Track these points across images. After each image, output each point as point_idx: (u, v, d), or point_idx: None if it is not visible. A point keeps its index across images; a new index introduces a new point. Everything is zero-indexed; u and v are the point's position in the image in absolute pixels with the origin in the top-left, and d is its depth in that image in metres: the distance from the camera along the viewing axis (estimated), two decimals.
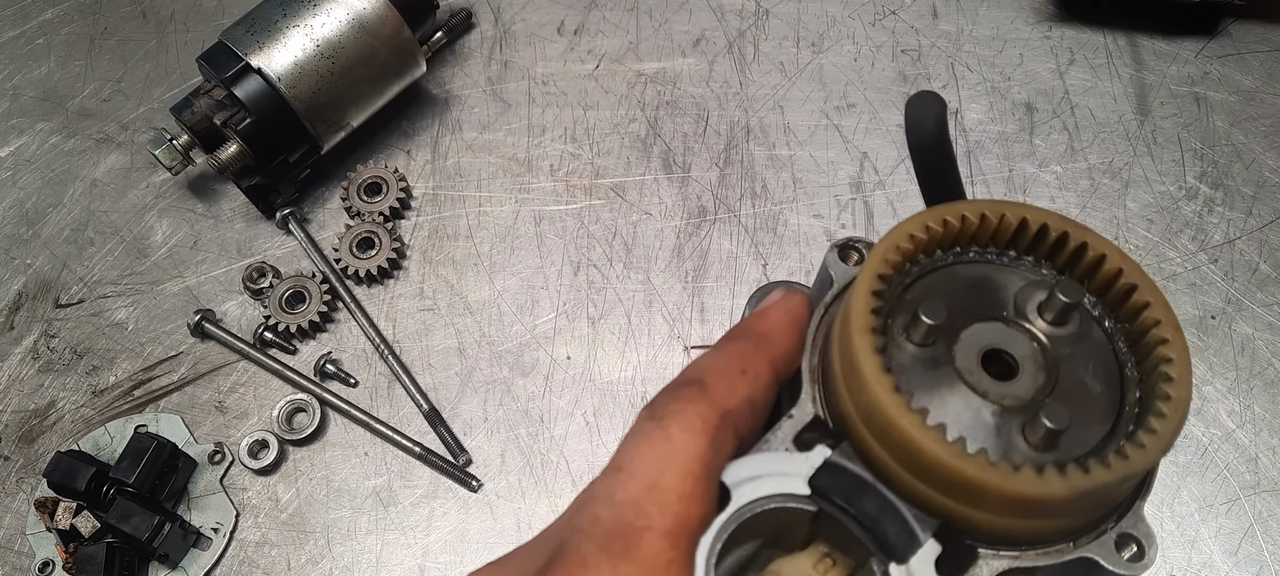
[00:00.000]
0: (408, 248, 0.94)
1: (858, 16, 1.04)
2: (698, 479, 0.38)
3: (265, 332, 0.90)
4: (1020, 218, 0.42)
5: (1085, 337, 0.41)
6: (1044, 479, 0.36)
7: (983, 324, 0.41)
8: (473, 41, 1.05)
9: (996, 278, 0.43)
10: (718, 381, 0.41)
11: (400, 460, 0.85)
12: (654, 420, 0.40)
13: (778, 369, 0.43)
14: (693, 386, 0.41)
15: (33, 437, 0.87)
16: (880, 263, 0.41)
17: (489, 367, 0.88)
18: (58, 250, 0.96)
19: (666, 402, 0.41)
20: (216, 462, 0.85)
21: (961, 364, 0.40)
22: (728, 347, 0.44)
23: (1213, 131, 0.95)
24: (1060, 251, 0.43)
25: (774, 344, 0.43)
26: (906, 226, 0.42)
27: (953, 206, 0.42)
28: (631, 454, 0.39)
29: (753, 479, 0.40)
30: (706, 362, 0.43)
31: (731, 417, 0.41)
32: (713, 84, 1.01)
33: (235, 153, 0.88)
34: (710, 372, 0.42)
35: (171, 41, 1.07)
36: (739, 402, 0.41)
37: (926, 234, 0.42)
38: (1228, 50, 1.00)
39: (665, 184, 0.96)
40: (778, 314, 0.45)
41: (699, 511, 0.38)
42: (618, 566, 0.36)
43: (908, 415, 0.37)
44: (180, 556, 0.81)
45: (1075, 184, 0.93)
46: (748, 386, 0.42)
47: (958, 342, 0.41)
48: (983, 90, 0.99)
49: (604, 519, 0.38)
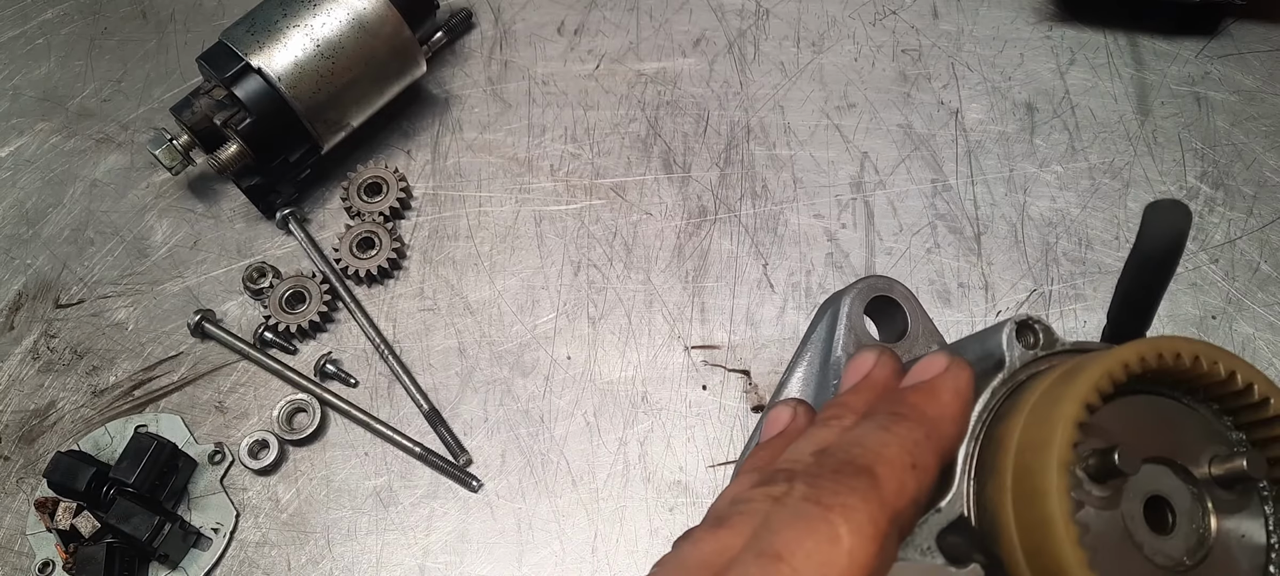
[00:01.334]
0: (408, 248, 0.94)
1: (858, 16, 1.04)
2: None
3: (265, 332, 0.90)
4: (1231, 370, 0.40)
5: (1247, 510, 0.39)
6: None
7: (1157, 466, 0.39)
8: (473, 41, 1.05)
9: (1180, 420, 0.40)
10: (889, 475, 0.37)
11: (400, 460, 0.85)
12: (820, 507, 0.36)
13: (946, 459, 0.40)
14: (864, 477, 0.37)
15: (33, 437, 0.87)
16: (1091, 392, 0.38)
17: (489, 367, 0.88)
18: (58, 250, 0.96)
19: (834, 490, 0.36)
20: (216, 463, 0.85)
21: (1127, 508, 0.38)
22: (898, 431, 0.39)
23: (1213, 131, 0.95)
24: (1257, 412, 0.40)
25: (944, 433, 0.40)
26: (1123, 355, 0.39)
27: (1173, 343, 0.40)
28: (794, 546, 0.35)
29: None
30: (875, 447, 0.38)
31: (899, 520, 0.36)
32: (713, 84, 1.01)
33: (235, 153, 0.88)
34: (881, 463, 0.37)
35: (171, 41, 1.07)
36: (907, 503, 0.37)
37: (1141, 367, 0.39)
38: (1228, 50, 1.00)
39: (665, 184, 0.96)
40: (950, 397, 0.41)
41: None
42: None
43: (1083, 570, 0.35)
44: (180, 556, 0.81)
45: (1076, 184, 0.93)
46: (916, 483, 0.38)
47: (1129, 482, 0.39)
48: (983, 90, 0.99)
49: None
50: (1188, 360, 0.40)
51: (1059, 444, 0.37)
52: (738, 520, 0.37)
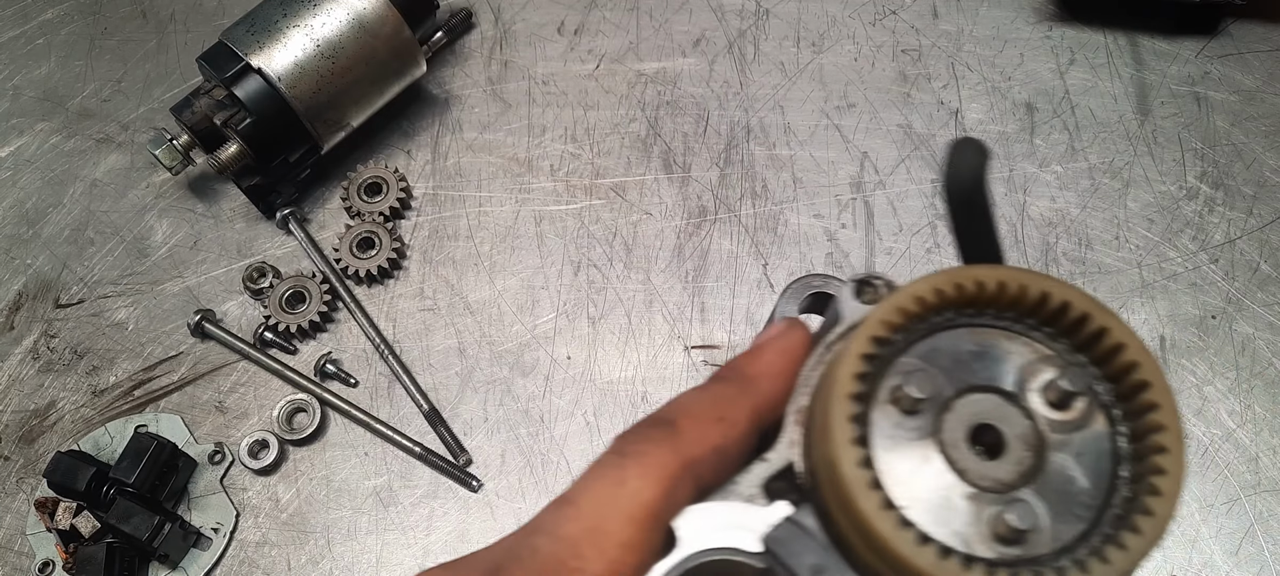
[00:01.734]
0: (408, 248, 0.94)
1: (858, 16, 1.04)
2: (642, 527, 0.38)
3: (265, 332, 0.90)
4: (1041, 291, 0.40)
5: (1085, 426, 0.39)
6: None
7: (981, 394, 0.40)
8: (473, 41, 1.05)
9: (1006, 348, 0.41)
10: (690, 425, 0.40)
11: (400, 460, 0.85)
12: (617, 456, 0.39)
13: (760, 415, 0.42)
14: (663, 427, 0.40)
15: (33, 437, 0.87)
16: (877, 325, 0.39)
17: (489, 367, 0.88)
18: (58, 250, 0.96)
19: (634, 440, 0.40)
20: (216, 462, 0.85)
21: (949, 436, 0.39)
22: (712, 388, 0.43)
23: (1213, 131, 0.95)
24: (1078, 331, 0.40)
25: (760, 389, 0.42)
26: (914, 288, 0.40)
27: (969, 271, 0.40)
28: (584, 488, 0.39)
29: (706, 527, 0.40)
30: (685, 402, 0.42)
31: (695, 466, 0.40)
32: (713, 84, 1.01)
33: (235, 153, 0.88)
34: (684, 414, 0.41)
35: (171, 41, 1.07)
36: (706, 451, 0.40)
37: (936, 298, 0.40)
38: (1228, 50, 1.00)
39: (665, 184, 0.96)
40: (773, 354, 0.43)
41: (636, 560, 0.38)
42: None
43: (867, 494, 0.36)
44: (180, 556, 0.81)
45: (1076, 183, 0.93)
46: (720, 434, 0.41)
47: (950, 411, 0.39)
48: (983, 90, 0.99)
49: (542, 550, 0.38)
50: (992, 286, 0.40)
51: (841, 378, 0.38)
52: None
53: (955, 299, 0.41)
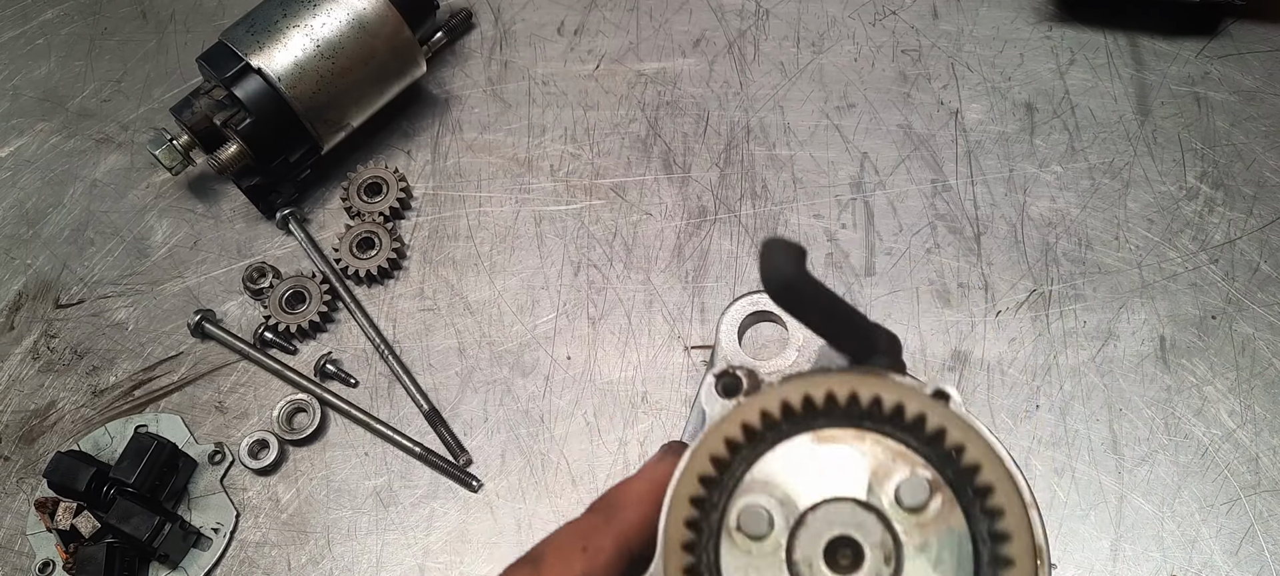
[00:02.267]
0: (408, 248, 0.94)
1: (858, 16, 1.04)
2: None
3: (265, 332, 0.90)
4: (872, 395, 0.39)
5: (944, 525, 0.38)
6: None
7: (834, 505, 0.39)
8: (473, 41, 1.05)
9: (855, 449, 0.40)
10: (554, 558, 0.42)
11: (400, 460, 0.85)
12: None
13: (628, 541, 0.43)
14: (528, 565, 0.42)
15: (33, 438, 0.87)
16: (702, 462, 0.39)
17: (489, 368, 0.88)
18: (58, 250, 0.96)
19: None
20: (216, 463, 0.85)
21: (802, 554, 0.38)
22: (580, 521, 0.44)
23: (1213, 131, 0.95)
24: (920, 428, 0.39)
25: (626, 517, 0.43)
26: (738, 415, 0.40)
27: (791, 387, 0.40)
28: None
29: None
30: (553, 537, 0.43)
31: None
32: (713, 84, 1.01)
33: (235, 153, 0.88)
34: (551, 548, 0.42)
35: (171, 41, 1.07)
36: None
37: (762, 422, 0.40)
38: (1228, 50, 1.00)
39: (665, 184, 0.96)
40: (640, 483, 0.44)
41: None
42: None
43: None
44: (180, 556, 0.81)
45: (1076, 184, 0.93)
46: (584, 563, 0.42)
47: (803, 527, 0.39)
48: (983, 90, 0.99)
49: None
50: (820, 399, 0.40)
51: (671, 522, 0.39)
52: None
53: (789, 414, 0.40)
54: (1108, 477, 0.80)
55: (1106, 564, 0.77)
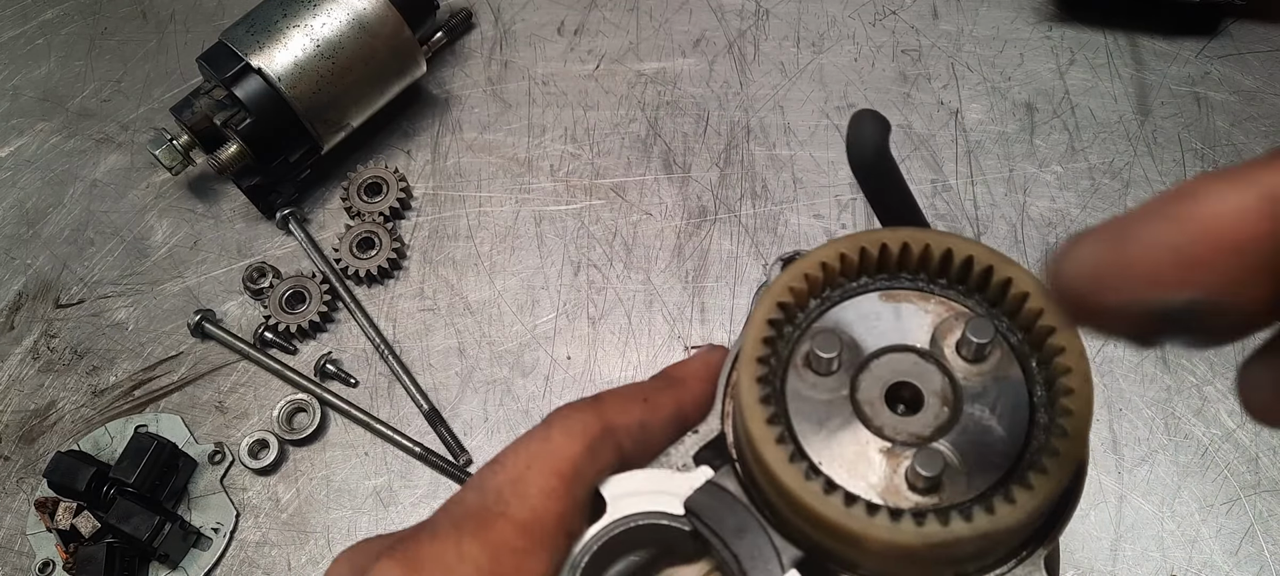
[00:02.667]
0: (408, 248, 0.94)
1: (858, 16, 1.04)
2: (563, 478, 0.40)
3: (265, 332, 0.90)
4: (944, 248, 0.41)
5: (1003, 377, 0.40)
6: (897, 527, 0.36)
7: (897, 354, 0.41)
8: (473, 41, 1.05)
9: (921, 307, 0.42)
10: (613, 400, 0.44)
11: (400, 460, 0.85)
12: (543, 424, 0.43)
13: (683, 408, 0.44)
14: (589, 400, 0.44)
15: (33, 437, 0.87)
16: (782, 291, 0.41)
17: (489, 368, 0.88)
18: (58, 250, 0.96)
19: (560, 410, 0.43)
20: (217, 462, 0.85)
21: (864, 395, 0.40)
22: (642, 382, 0.46)
23: (1213, 131, 0.95)
24: (986, 284, 0.41)
25: (686, 387, 0.45)
26: (818, 254, 0.41)
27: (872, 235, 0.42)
28: (510, 449, 0.42)
29: (633, 494, 0.41)
30: (614, 388, 0.45)
31: (616, 433, 0.42)
32: (713, 84, 1.01)
33: (235, 153, 0.88)
34: (610, 393, 0.45)
35: (171, 41, 1.07)
36: (629, 421, 0.43)
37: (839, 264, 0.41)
38: (1228, 50, 1.00)
39: (665, 184, 0.96)
40: (696, 363, 0.46)
41: (558, 509, 0.40)
42: (463, 543, 0.38)
43: (774, 448, 0.37)
44: (180, 556, 0.81)
45: (1076, 184, 0.93)
46: (643, 411, 0.44)
47: (866, 372, 0.40)
48: (983, 90, 0.99)
49: (468, 501, 0.40)
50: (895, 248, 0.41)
51: (749, 342, 0.40)
52: None
53: (863, 263, 0.42)
54: (1108, 477, 0.80)
55: (1106, 564, 0.77)
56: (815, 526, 0.38)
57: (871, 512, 0.36)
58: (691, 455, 0.43)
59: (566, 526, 0.40)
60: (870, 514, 0.36)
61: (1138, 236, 0.27)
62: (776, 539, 0.39)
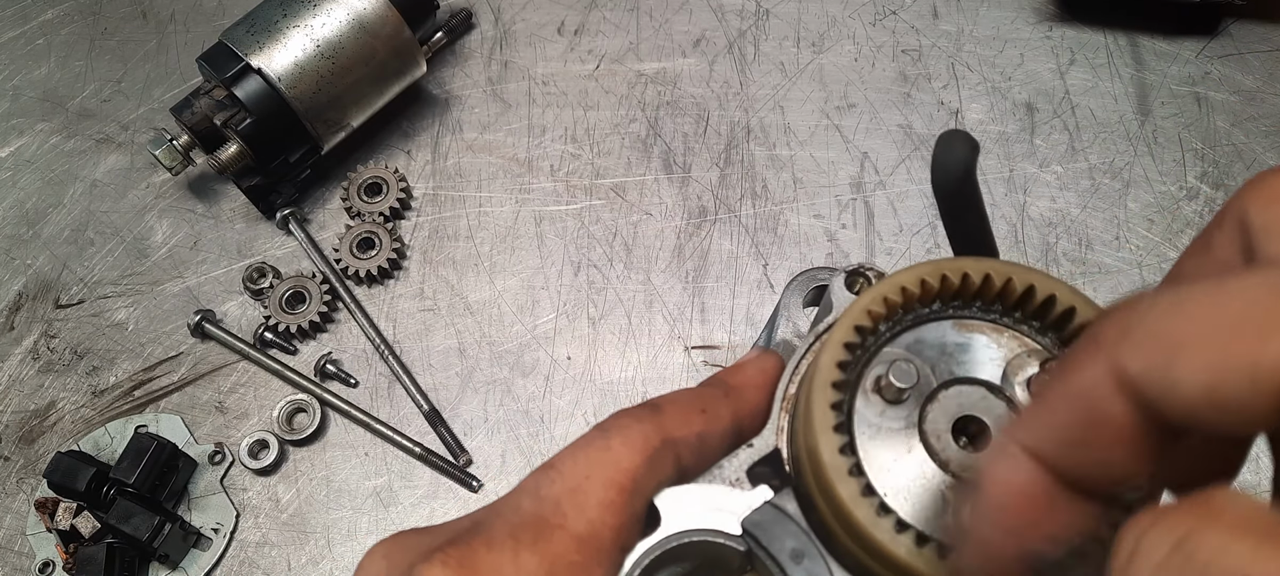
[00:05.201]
0: (408, 248, 0.94)
1: (858, 16, 1.04)
2: (622, 490, 0.39)
3: (265, 333, 0.90)
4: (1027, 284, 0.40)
5: None
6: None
7: (966, 387, 0.40)
8: (473, 42, 1.05)
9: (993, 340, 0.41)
10: (673, 410, 0.42)
11: (401, 460, 0.85)
12: (600, 431, 0.41)
13: (740, 420, 0.43)
14: (647, 408, 0.42)
15: (33, 438, 0.87)
16: (860, 314, 0.40)
17: (489, 368, 0.88)
18: (58, 250, 0.96)
19: (617, 417, 0.41)
20: (217, 463, 0.85)
21: (932, 426, 0.39)
22: (696, 388, 0.44)
23: (1213, 131, 0.95)
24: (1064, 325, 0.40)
25: (743, 397, 0.44)
26: (898, 278, 0.40)
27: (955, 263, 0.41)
28: (568, 455, 0.40)
29: (688, 508, 0.40)
30: (671, 394, 0.44)
31: (676, 445, 0.41)
32: (713, 84, 1.01)
33: (235, 153, 0.88)
34: (669, 402, 0.43)
35: (171, 41, 1.07)
36: (688, 434, 0.42)
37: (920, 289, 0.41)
38: (1228, 50, 1.00)
39: (665, 184, 0.96)
40: (752, 370, 0.45)
41: (616, 522, 0.39)
42: (520, 555, 0.37)
43: (846, 480, 0.37)
44: (180, 557, 0.81)
45: (1076, 184, 0.93)
46: (702, 423, 0.42)
47: (934, 402, 0.40)
48: (983, 90, 0.99)
49: (524, 508, 0.39)
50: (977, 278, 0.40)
51: (824, 365, 0.39)
52: None
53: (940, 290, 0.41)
54: None
55: None
56: (880, 561, 0.37)
57: (942, 554, 0.36)
58: (744, 470, 0.42)
59: (622, 540, 0.39)
60: (940, 555, 0.36)
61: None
62: (835, 568, 0.39)
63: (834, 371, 0.39)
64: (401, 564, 0.38)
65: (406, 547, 0.39)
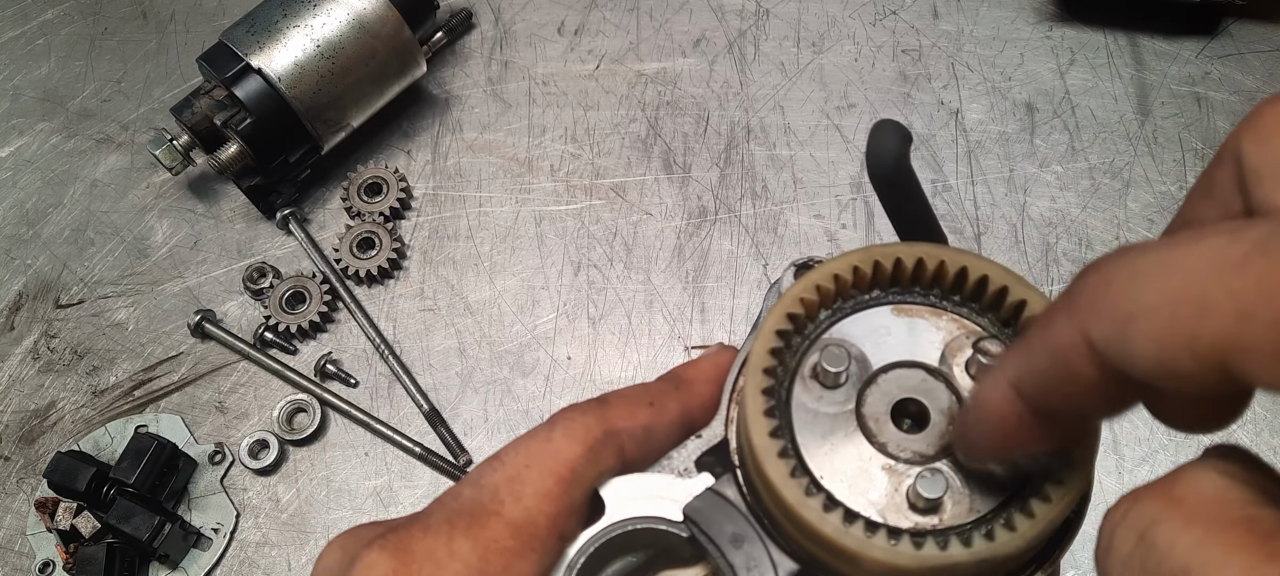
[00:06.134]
0: (408, 248, 0.94)
1: (858, 16, 1.04)
2: (560, 480, 0.40)
3: (265, 333, 0.90)
4: (959, 265, 0.41)
5: None
6: (895, 550, 0.36)
7: (905, 370, 0.40)
8: (473, 41, 1.05)
9: (932, 324, 0.41)
10: (619, 402, 0.43)
11: (400, 460, 0.85)
12: (546, 424, 0.42)
13: (689, 412, 0.44)
14: (594, 402, 0.43)
15: (33, 438, 0.87)
16: (792, 302, 0.40)
17: (489, 368, 0.88)
18: (58, 250, 0.96)
19: (565, 411, 0.43)
20: (217, 463, 0.85)
21: (870, 410, 0.40)
22: (646, 384, 0.45)
23: (1213, 131, 0.95)
24: (999, 304, 0.41)
25: (693, 390, 0.45)
26: (831, 266, 0.41)
27: (887, 248, 0.41)
28: (512, 447, 0.42)
29: (633, 497, 0.41)
30: (620, 389, 0.45)
31: (618, 437, 0.42)
32: (713, 84, 1.01)
33: (235, 153, 0.88)
34: (616, 395, 0.44)
35: (171, 41, 1.07)
36: (633, 425, 0.42)
37: (851, 276, 0.41)
38: (1228, 50, 0.99)
39: (665, 184, 0.96)
40: (705, 364, 0.46)
41: (552, 510, 0.40)
42: (454, 540, 0.39)
43: (775, 462, 0.37)
44: (180, 557, 0.81)
45: (1076, 184, 0.93)
46: (648, 415, 0.43)
47: (873, 386, 0.40)
48: (983, 90, 0.99)
49: (464, 496, 0.41)
50: (909, 264, 0.41)
51: (756, 353, 0.39)
52: None
53: (876, 276, 0.42)
54: (1108, 478, 0.80)
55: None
56: (813, 541, 0.37)
57: (870, 532, 0.36)
58: (693, 460, 0.43)
59: (559, 528, 0.40)
60: (869, 533, 0.36)
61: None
62: (774, 551, 0.39)
63: (766, 358, 0.39)
64: (352, 551, 0.40)
65: (358, 537, 0.41)
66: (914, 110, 0.98)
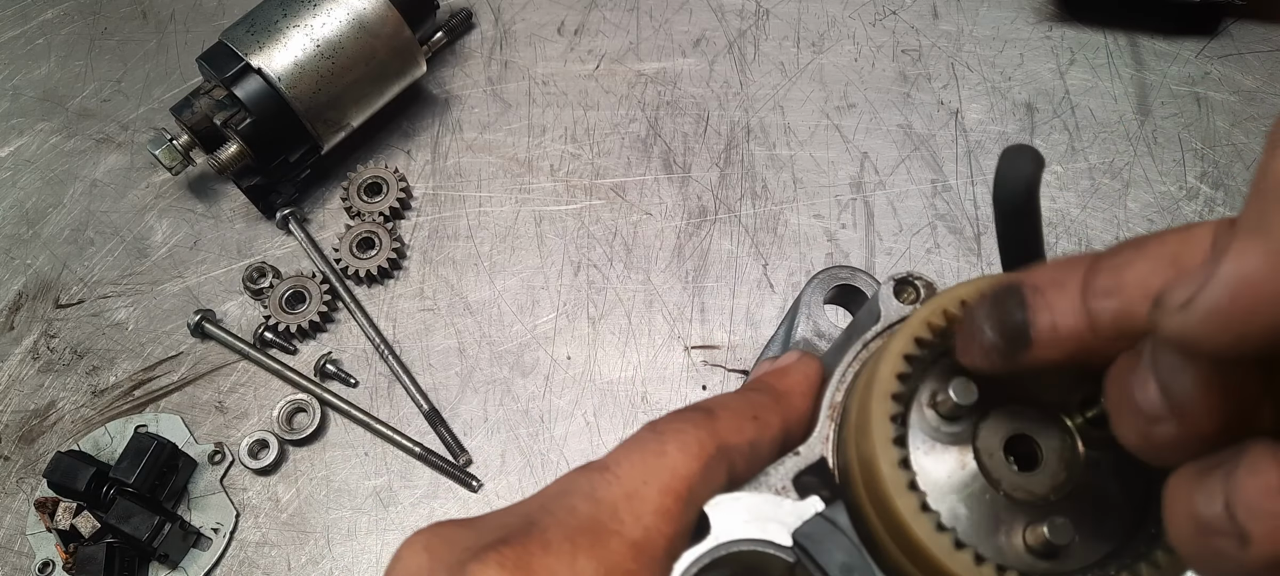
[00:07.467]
0: (408, 248, 0.94)
1: (858, 16, 1.04)
2: (678, 498, 0.39)
3: (265, 332, 0.90)
4: None
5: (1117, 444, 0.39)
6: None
7: (1020, 406, 0.39)
8: (473, 41, 1.05)
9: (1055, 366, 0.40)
10: (727, 416, 0.41)
11: (400, 460, 0.85)
12: (654, 433, 0.40)
13: (789, 426, 0.43)
14: (701, 412, 0.41)
15: (33, 437, 0.87)
16: (920, 326, 0.39)
17: (489, 368, 0.88)
18: (58, 250, 0.96)
19: (672, 420, 0.41)
20: (216, 462, 0.85)
21: (984, 444, 0.39)
22: (746, 393, 0.44)
23: (1213, 131, 0.95)
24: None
25: (791, 404, 0.43)
26: (957, 292, 0.40)
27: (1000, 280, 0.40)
28: (623, 458, 0.39)
29: (737, 517, 0.40)
30: (722, 398, 0.43)
31: (729, 453, 0.41)
32: (713, 84, 1.01)
33: (235, 153, 0.88)
34: (722, 407, 0.42)
35: (171, 41, 1.07)
36: (741, 442, 0.41)
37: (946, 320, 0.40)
38: (1228, 50, 1.00)
39: (665, 184, 0.96)
40: (797, 376, 0.44)
41: (670, 530, 0.38)
42: (577, 560, 0.36)
43: (904, 494, 0.36)
44: (180, 556, 0.81)
45: (1076, 184, 0.93)
46: (755, 431, 0.42)
47: (987, 420, 0.39)
48: (983, 90, 0.99)
49: (580, 511, 0.38)
50: None
51: (883, 377, 0.38)
52: None
53: None
54: None
55: None
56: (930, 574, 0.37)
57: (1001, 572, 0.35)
58: (791, 478, 0.42)
59: (674, 549, 0.39)
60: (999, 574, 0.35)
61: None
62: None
63: (894, 383, 0.38)
64: (447, 559, 0.37)
65: (451, 542, 0.38)
66: (914, 110, 0.98)
